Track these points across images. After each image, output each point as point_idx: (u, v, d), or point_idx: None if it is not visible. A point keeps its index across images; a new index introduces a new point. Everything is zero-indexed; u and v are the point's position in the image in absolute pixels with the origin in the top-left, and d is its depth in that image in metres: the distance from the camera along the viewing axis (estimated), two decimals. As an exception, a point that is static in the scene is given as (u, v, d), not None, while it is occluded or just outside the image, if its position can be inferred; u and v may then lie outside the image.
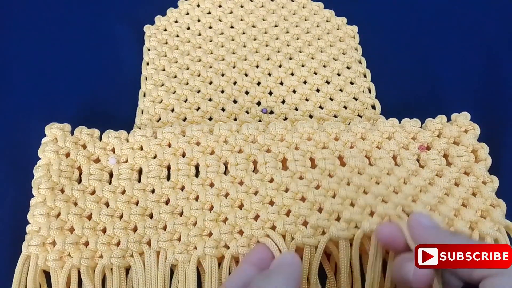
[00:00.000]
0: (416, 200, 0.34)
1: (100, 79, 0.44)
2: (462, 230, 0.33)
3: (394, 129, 0.37)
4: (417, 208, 0.33)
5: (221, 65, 0.44)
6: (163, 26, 0.47)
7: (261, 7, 0.49)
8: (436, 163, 0.36)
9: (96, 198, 0.35)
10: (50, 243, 0.33)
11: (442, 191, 0.35)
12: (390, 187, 0.34)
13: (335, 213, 0.33)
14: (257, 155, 0.36)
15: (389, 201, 0.33)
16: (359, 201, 0.33)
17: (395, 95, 0.43)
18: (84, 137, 0.37)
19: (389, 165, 0.36)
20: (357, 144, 0.37)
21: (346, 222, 0.33)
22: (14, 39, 0.46)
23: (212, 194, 0.35)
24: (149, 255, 0.32)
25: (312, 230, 0.32)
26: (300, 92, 0.43)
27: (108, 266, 0.32)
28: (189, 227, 0.34)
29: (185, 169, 0.36)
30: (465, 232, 0.33)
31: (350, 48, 0.46)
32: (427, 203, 0.34)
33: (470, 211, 0.34)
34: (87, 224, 0.33)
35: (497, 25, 0.49)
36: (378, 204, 0.33)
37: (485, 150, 0.37)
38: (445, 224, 0.33)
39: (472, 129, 0.37)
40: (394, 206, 0.33)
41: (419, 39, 0.47)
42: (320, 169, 0.35)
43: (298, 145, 0.37)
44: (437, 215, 0.33)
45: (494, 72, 0.45)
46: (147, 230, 0.33)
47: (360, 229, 0.32)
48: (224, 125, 0.37)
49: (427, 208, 0.33)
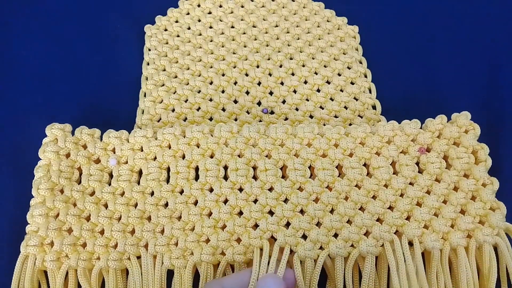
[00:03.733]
0: (411, 217, 0.34)
1: (100, 79, 0.44)
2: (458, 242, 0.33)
3: (394, 132, 0.37)
4: (409, 230, 0.33)
5: (221, 65, 0.44)
6: (163, 26, 0.47)
7: (261, 7, 0.49)
8: (435, 167, 0.36)
9: (95, 200, 0.35)
10: (48, 243, 0.33)
11: (440, 199, 0.35)
12: (387, 202, 0.35)
13: (333, 230, 0.34)
14: (257, 161, 0.36)
15: (384, 221, 0.34)
16: (356, 220, 0.34)
17: (395, 95, 0.43)
18: (85, 137, 0.37)
19: (388, 176, 0.36)
20: (356, 152, 0.37)
21: (344, 240, 0.33)
22: (15, 40, 0.46)
23: (211, 200, 0.35)
24: (146, 258, 0.32)
25: (312, 244, 0.33)
26: (301, 92, 0.43)
27: (105, 268, 0.32)
28: (187, 232, 0.34)
29: (185, 172, 0.36)
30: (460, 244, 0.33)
31: (351, 48, 0.46)
32: (421, 219, 0.34)
33: (468, 218, 0.34)
34: (86, 226, 0.33)
35: (497, 25, 0.49)
36: (374, 225, 0.34)
37: (485, 151, 0.36)
38: (440, 238, 0.33)
39: (473, 129, 0.37)
40: (388, 228, 0.34)
41: (420, 39, 0.47)
42: (320, 180, 0.36)
43: (298, 151, 0.37)
44: (430, 231, 0.33)
45: (495, 72, 0.45)
46: (144, 234, 0.33)
47: (356, 249, 0.33)
48: (225, 127, 0.37)
49: (421, 225, 0.34)
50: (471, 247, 0.33)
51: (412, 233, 0.33)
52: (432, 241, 0.33)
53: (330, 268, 0.33)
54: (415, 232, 0.33)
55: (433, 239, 0.33)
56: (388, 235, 0.33)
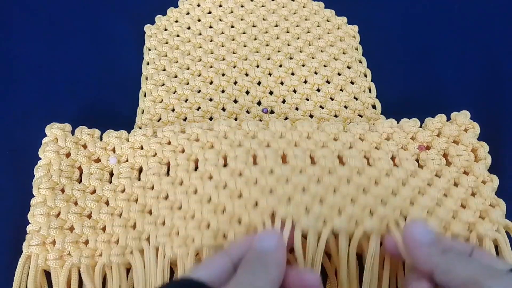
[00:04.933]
0: (414, 203, 0.34)
1: (100, 79, 0.44)
2: (459, 233, 0.33)
3: (392, 129, 0.37)
4: (414, 212, 0.33)
5: (221, 65, 0.44)
6: (163, 26, 0.47)
7: (261, 7, 0.49)
8: (435, 163, 0.36)
9: (96, 197, 0.35)
10: (50, 242, 0.33)
11: (441, 192, 0.35)
12: (389, 188, 0.34)
13: (337, 207, 0.33)
14: (257, 150, 0.36)
15: (388, 204, 0.33)
16: (360, 200, 0.33)
17: (395, 95, 0.43)
18: (85, 137, 0.37)
19: (388, 166, 0.35)
20: (356, 145, 0.37)
21: (348, 216, 0.32)
22: (15, 40, 0.47)
23: (210, 187, 0.34)
24: (148, 251, 0.32)
25: (315, 218, 0.32)
26: (301, 92, 0.43)
27: (108, 264, 0.32)
28: (187, 220, 0.33)
29: (184, 164, 0.36)
30: (462, 235, 0.33)
31: (351, 47, 0.46)
32: (425, 206, 0.33)
33: (469, 212, 0.34)
34: (87, 223, 0.33)
35: (497, 25, 0.49)
36: (377, 205, 0.33)
37: (485, 149, 0.36)
38: (442, 227, 0.33)
39: (472, 128, 0.37)
40: (392, 209, 0.33)
41: (420, 39, 0.47)
42: (320, 166, 0.35)
43: (297, 143, 0.36)
44: (434, 218, 0.33)
45: (494, 71, 0.45)
46: (146, 226, 0.33)
47: (360, 226, 0.32)
48: (223, 121, 0.37)
49: (424, 212, 0.33)
50: (471, 240, 0.33)
51: (418, 215, 0.32)
52: (436, 226, 0.32)
53: (333, 249, 0.32)
54: (420, 214, 0.33)
55: (436, 224, 0.32)
56: (393, 215, 0.32)
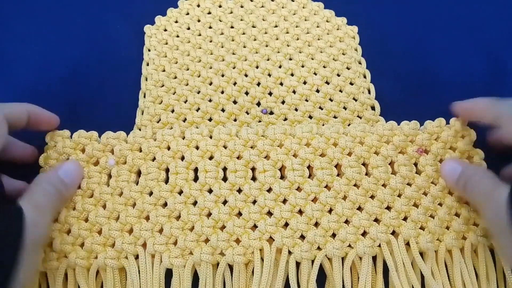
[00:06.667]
0: (407, 218, 0.35)
1: (100, 80, 0.44)
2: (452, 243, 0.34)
3: (392, 132, 0.37)
4: (406, 230, 0.34)
5: (221, 65, 0.44)
6: (163, 26, 0.47)
7: (261, 7, 0.49)
8: (433, 170, 0.36)
9: (93, 201, 0.35)
10: (47, 245, 0.33)
11: (436, 201, 0.35)
12: (385, 202, 0.35)
13: (331, 230, 0.34)
14: (256, 162, 0.36)
15: (381, 221, 0.34)
16: (354, 220, 0.34)
17: (395, 96, 0.43)
18: (83, 140, 0.37)
19: (386, 175, 0.36)
20: (355, 151, 0.37)
21: (341, 241, 0.33)
22: (13, 40, 0.46)
23: (210, 201, 0.35)
24: (144, 257, 0.33)
25: (309, 245, 0.33)
26: (300, 93, 0.43)
27: (103, 267, 0.33)
28: (186, 232, 0.34)
29: (184, 172, 0.36)
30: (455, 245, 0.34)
31: (350, 48, 0.46)
32: (418, 220, 0.34)
33: (462, 220, 0.34)
34: (83, 225, 0.34)
35: (498, 25, 0.48)
36: (371, 225, 0.34)
37: (480, 156, 0.37)
38: (434, 240, 0.34)
39: (468, 134, 0.38)
40: (385, 228, 0.34)
41: (420, 40, 0.47)
42: (318, 180, 0.36)
43: (296, 151, 0.37)
44: (426, 233, 0.34)
45: (496, 74, 0.45)
46: (142, 233, 0.34)
47: (353, 250, 0.33)
48: (223, 130, 0.37)
49: (417, 226, 0.34)
50: (466, 248, 0.33)
51: (409, 233, 0.34)
52: (428, 242, 0.33)
53: (328, 269, 0.33)
54: (412, 232, 0.34)
55: (428, 240, 0.33)
56: (385, 236, 0.34)
